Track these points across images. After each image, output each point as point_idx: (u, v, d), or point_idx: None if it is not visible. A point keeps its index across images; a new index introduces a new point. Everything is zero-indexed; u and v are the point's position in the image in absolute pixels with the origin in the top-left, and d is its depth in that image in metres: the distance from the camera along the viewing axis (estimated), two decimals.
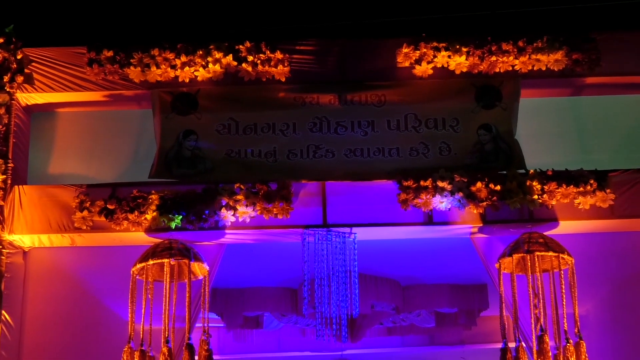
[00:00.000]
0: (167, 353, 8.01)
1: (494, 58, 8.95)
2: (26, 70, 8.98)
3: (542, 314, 8.16)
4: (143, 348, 8.05)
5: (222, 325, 11.81)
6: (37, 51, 9.10)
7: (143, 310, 8.15)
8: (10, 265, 8.65)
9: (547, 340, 7.99)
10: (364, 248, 8.76)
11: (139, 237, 8.61)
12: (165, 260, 8.16)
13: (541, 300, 8.20)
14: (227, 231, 8.64)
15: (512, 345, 8.24)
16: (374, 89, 9.02)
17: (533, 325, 8.16)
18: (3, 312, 8.49)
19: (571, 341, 8.01)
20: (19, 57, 8.97)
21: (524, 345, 8.21)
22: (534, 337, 8.11)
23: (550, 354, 7.98)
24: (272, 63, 8.94)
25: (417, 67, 9.02)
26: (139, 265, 8.20)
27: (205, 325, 8.31)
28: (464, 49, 8.93)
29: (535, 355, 8.02)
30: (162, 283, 8.28)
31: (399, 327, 12.52)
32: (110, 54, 8.93)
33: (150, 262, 8.16)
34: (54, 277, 8.92)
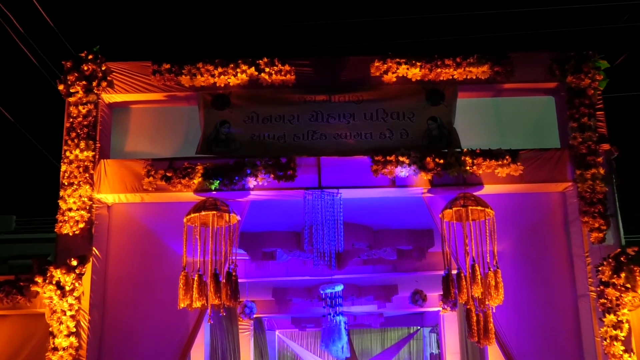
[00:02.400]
0: (213, 277, 8.10)
1: (439, 70, 8.93)
2: (108, 78, 8.94)
3: (472, 250, 8.23)
4: (200, 273, 8.11)
5: (247, 258, 11.85)
6: (116, 64, 9.05)
7: (199, 248, 8.23)
8: (98, 216, 8.69)
9: (478, 268, 8.09)
10: (347, 203, 8.79)
11: (188, 196, 8.61)
12: (213, 212, 8.20)
13: (471, 241, 8.27)
14: (250, 192, 8.65)
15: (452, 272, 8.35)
16: (354, 91, 8.98)
17: (465, 258, 8.23)
18: (94, 248, 8.54)
19: (492, 269, 8.10)
20: (103, 68, 8.93)
21: (462, 273, 8.27)
22: (467, 267, 8.18)
23: (480, 277, 8.07)
24: (282, 73, 8.92)
25: (385, 76, 8.99)
26: (192, 215, 8.22)
27: (234, 257, 8.37)
28: (418, 63, 8.91)
29: (468, 279, 8.11)
30: (205, 228, 8.32)
31: (371, 259, 12.55)
32: (167, 66, 8.89)
33: (203, 213, 8.19)
34: (128, 224, 8.97)
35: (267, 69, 8.90)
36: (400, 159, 8.54)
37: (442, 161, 8.56)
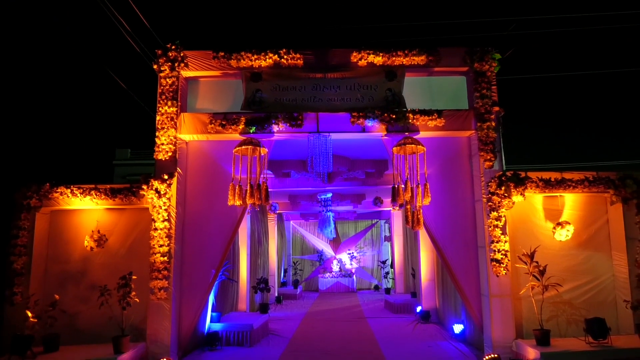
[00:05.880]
0: (250, 186, 8.07)
1: (393, 58, 8.67)
2: (185, 61, 8.69)
3: (410, 172, 8.20)
4: (241, 184, 8.09)
5: (273, 176, 11.84)
6: (190, 52, 8.78)
7: (242, 169, 8.17)
8: (180, 148, 8.60)
9: (409, 183, 8.05)
10: (335, 142, 8.68)
11: (235, 136, 8.51)
12: (251, 146, 8.12)
13: (410, 166, 8.23)
14: (274, 134, 8.54)
15: (397, 186, 8.33)
16: (340, 71, 8.74)
17: (406, 177, 8.21)
18: (178, 168, 8.49)
19: (420, 184, 8.08)
20: (181, 54, 8.67)
21: (402, 186, 8.27)
22: (407, 182, 8.17)
23: (411, 188, 8.06)
24: (295, 59, 8.67)
25: (360, 61, 8.74)
26: (238, 148, 8.15)
27: (265, 175, 8.35)
28: (380, 53, 8.66)
29: (407, 190, 8.10)
30: (246, 156, 8.26)
31: (349, 178, 12.55)
32: (222, 54, 8.64)
33: (244, 147, 8.11)
34: (199, 154, 8.86)
35: (285, 56, 8.65)
36: (368, 115, 8.41)
37: (394, 116, 8.42)
